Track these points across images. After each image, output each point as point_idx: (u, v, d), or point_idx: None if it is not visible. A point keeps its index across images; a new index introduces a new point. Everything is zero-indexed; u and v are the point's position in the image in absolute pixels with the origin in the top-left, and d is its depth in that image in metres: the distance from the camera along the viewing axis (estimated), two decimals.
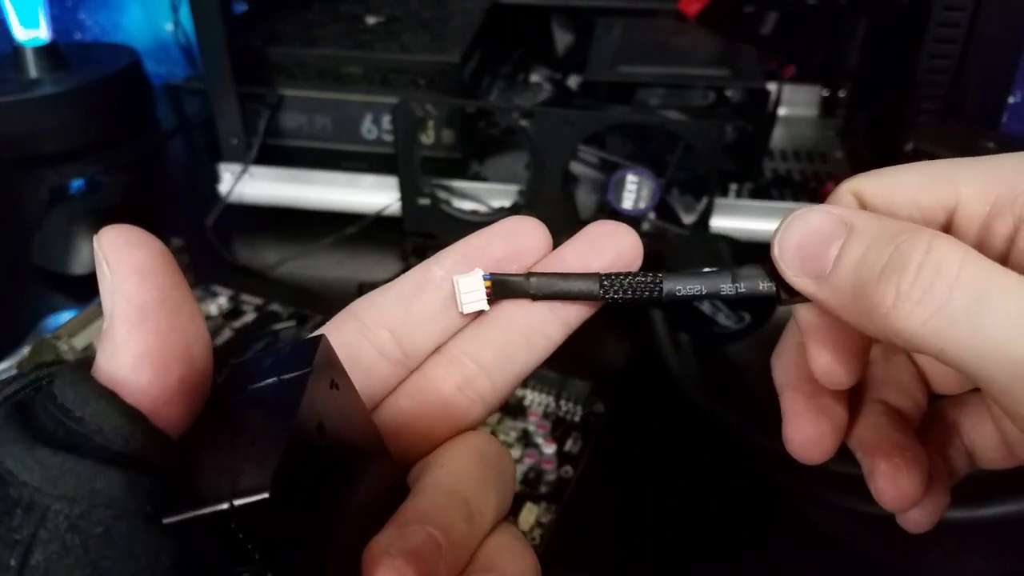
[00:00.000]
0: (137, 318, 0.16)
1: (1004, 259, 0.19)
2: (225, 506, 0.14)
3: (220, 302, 0.51)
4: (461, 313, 0.21)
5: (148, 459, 0.16)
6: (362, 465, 0.19)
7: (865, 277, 0.17)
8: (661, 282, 0.20)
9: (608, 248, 0.21)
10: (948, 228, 0.20)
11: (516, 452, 0.41)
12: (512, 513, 0.37)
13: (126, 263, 0.16)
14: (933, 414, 0.24)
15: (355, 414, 0.19)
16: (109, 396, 0.16)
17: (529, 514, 0.37)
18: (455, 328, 0.21)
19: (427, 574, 0.17)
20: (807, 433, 0.22)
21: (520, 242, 0.21)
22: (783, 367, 0.23)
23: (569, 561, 0.36)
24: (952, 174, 0.20)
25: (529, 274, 0.20)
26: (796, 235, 0.19)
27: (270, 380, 0.17)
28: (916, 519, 0.23)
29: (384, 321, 0.21)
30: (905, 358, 0.24)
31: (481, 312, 0.21)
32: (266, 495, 0.14)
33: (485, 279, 0.20)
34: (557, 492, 0.39)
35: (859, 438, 0.23)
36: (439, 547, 0.17)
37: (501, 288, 0.20)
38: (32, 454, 0.15)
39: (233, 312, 0.51)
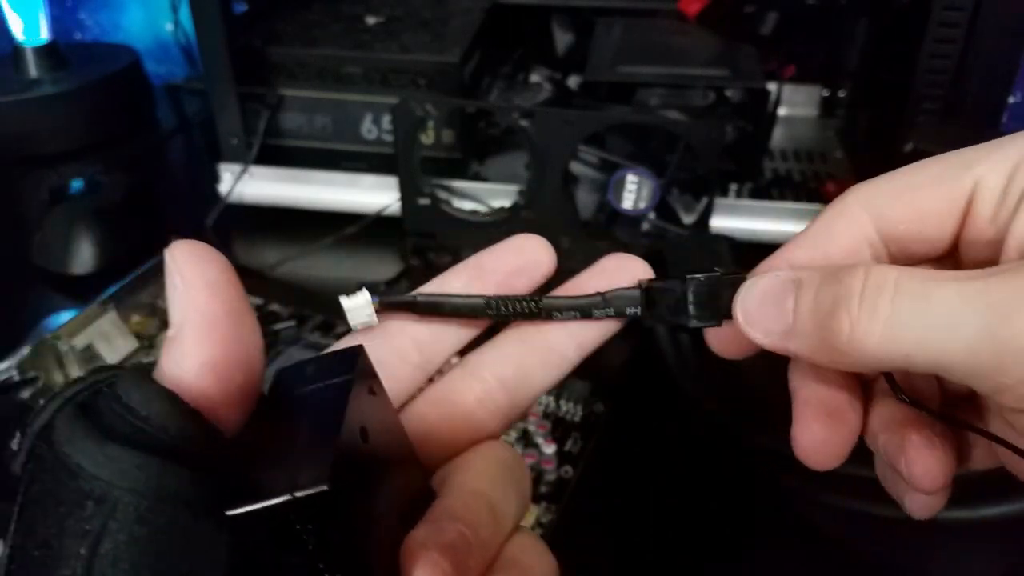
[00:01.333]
0: (206, 329, 0.17)
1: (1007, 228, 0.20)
2: (287, 498, 0.15)
3: None
4: (354, 329, 0.22)
5: (207, 457, 0.17)
6: (396, 467, 0.20)
7: (822, 317, 0.19)
8: (539, 306, 0.22)
9: (624, 280, 0.23)
10: (967, 212, 0.21)
11: None
12: None
13: (199, 277, 0.18)
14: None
15: (390, 420, 0.20)
16: (172, 398, 0.17)
17: (529, 514, 0.37)
18: (470, 336, 0.23)
19: (460, 566, 0.18)
20: (816, 435, 0.22)
21: (528, 257, 0.23)
22: (800, 368, 0.23)
23: (569, 561, 0.36)
24: (965, 158, 0.21)
25: (418, 295, 0.22)
26: (753, 301, 0.21)
27: (315, 386, 0.18)
28: (926, 503, 0.22)
29: (406, 329, 0.22)
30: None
31: (371, 327, 0.22)
32: (325, 487, 0.15)
33: (372, 301, 0.22)
34: (557, 492, 0.39)
35: (883, 419, 0.22)
36: (469, 543, 0.19)
37: (389, 307, 0.22)
38: (103, 450, 0.16)
39: None
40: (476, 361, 0.23)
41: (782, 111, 0.68)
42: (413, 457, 0.21)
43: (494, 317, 0.22)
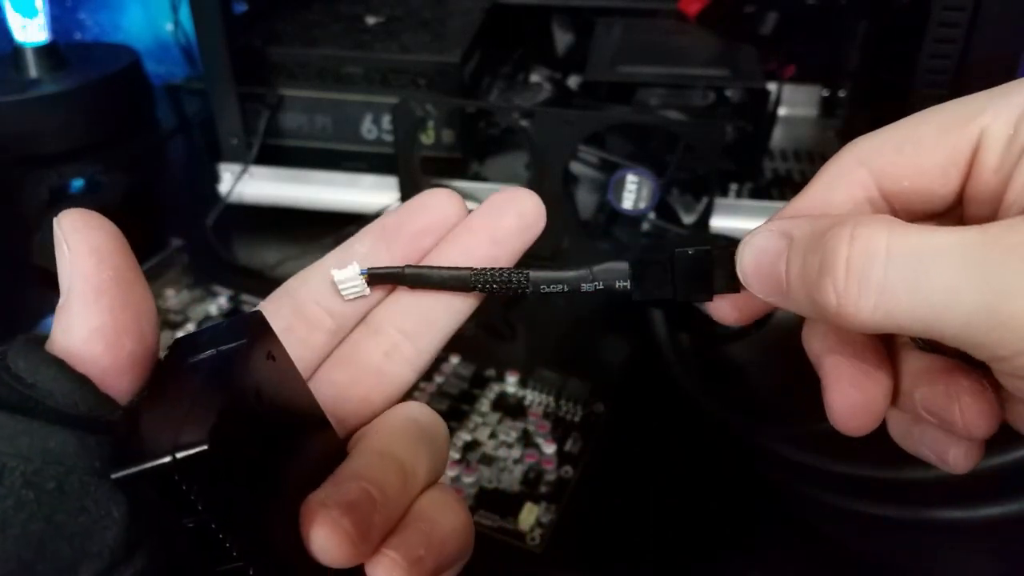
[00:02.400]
0: (93, 296, 0.17)
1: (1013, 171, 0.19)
2: (168, 459, 0.16)
3: (220, 302, 0.51)
4: (344, 299, 0.22)
5: (96, 421, 0.17)
6: (301, 431, 0.20)
7: (810, 285, 0.18)
8: (527, 279, 0.22)
9: (511, 211, 0.22)
10: (972, 162, 0.19)
11: (516, 452, 0.41)
12: (512, 513, 0.37)
13: (84, 244, 0.17)
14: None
15: (292, 384, 0.20)
16: (58, 364, 0.17)
17: (529, 514, 0.37)
18: (378, 297, 0.23)
19: (362, 524, 0.18)
20: (853, 399, 0.20)
21: (434, 215, 0.23)
22: (819, 334, 0.22)
23: (569, 561, 0.36)
24: (970, 107, 0.20)
25: (406, 267, 0.22)
26: (750, 262, 0.20)
27: (209, 352, 0.18)
28: (970, 453, 0.21)
29: (314, 295, 0.22)
30: None
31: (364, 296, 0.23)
32: (205, 447, 0.15)
33: (361, 273, 0.22)
34: (557, 492, 0.39)
35: (917, 373, 0.21)
36: (373, 500, 0.19)
37: (378, 279, 0.22)
38: None
39: (233, 312, 0.51)
40: (378, 317, 0.23)
41: (782, 111, 0.68)
42: (322, 421, 0.21)
43: (481, 290, 0.22)
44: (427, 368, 0.24)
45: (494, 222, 0.22)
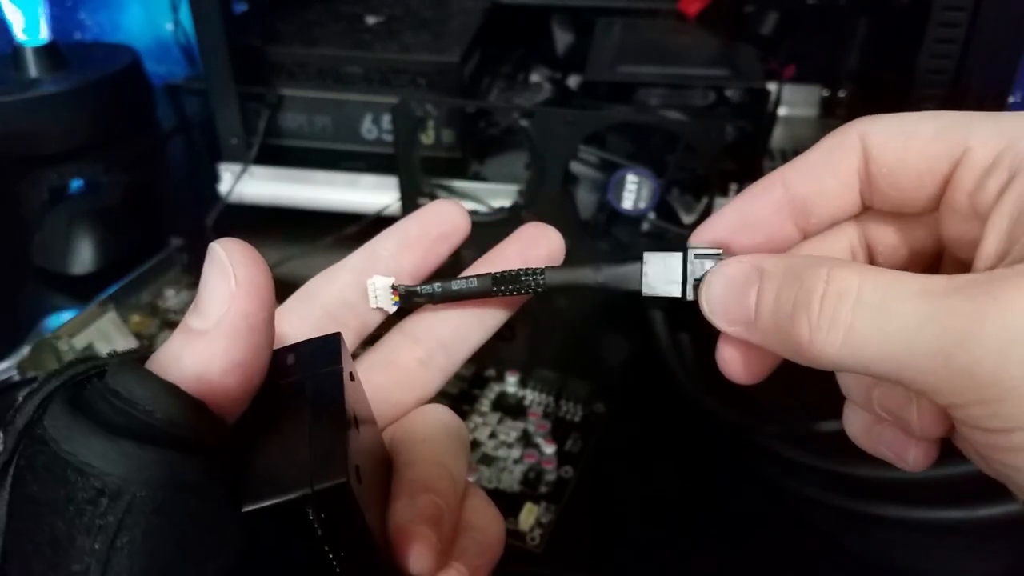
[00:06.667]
0: (245, 332, 0.18)
1: (987, 215, 0.19)
2: (305, 492, 0.16)
3: None
4: (372, 308, 0.24)
5: (216, 447, 0.17)
6: (372, 442, 0.21)
7: (782, 317, 0.19)
8: (543, 276, 0.23)
9: (543, 243, 0.24)
10: (950, 177, 0.20)
11: (516, 452, 0.41)
12: (512, 513, 0.37)
13: (251, 281, 0.18)
14: None
15: (366, 401, 0.21)
16: (176, 391, 0.17)
17: (529, 514, 0.37)
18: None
19: (439, 535, 0.19)
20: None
21: (448, 223, 0.24)
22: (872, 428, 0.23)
23: (569, 561, 0.36)
24: (964, 124, 0.20)
25: (436, 284, 0.23)
26: (717, 289, 0.21)
27: (306, 374, 0.19)
28: (927, 453, 0.22)
29: (341, 296, 0.23)
30: None
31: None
32: (344, 479, 0.16)
33: (393, 286, 0.23)
34: (557, 492, 0.39)
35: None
36: (442, 511, 0.20)
37: (407, 296, 0.23)
38: (116, 447, 0.16)
39: None
40: (414, 324, 0.24)
41: (782, 111, 0.68)
42: (378, 428, 0.22)
43: (501, 294, 0.23)
44: (451, 376, 0.25)
45: (529, 251, 0.24)
